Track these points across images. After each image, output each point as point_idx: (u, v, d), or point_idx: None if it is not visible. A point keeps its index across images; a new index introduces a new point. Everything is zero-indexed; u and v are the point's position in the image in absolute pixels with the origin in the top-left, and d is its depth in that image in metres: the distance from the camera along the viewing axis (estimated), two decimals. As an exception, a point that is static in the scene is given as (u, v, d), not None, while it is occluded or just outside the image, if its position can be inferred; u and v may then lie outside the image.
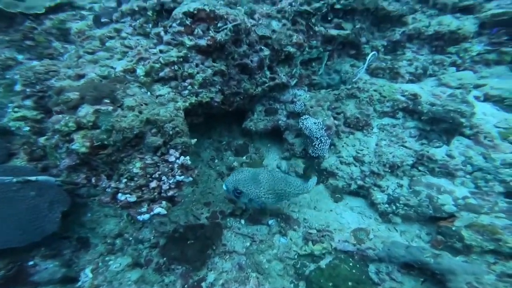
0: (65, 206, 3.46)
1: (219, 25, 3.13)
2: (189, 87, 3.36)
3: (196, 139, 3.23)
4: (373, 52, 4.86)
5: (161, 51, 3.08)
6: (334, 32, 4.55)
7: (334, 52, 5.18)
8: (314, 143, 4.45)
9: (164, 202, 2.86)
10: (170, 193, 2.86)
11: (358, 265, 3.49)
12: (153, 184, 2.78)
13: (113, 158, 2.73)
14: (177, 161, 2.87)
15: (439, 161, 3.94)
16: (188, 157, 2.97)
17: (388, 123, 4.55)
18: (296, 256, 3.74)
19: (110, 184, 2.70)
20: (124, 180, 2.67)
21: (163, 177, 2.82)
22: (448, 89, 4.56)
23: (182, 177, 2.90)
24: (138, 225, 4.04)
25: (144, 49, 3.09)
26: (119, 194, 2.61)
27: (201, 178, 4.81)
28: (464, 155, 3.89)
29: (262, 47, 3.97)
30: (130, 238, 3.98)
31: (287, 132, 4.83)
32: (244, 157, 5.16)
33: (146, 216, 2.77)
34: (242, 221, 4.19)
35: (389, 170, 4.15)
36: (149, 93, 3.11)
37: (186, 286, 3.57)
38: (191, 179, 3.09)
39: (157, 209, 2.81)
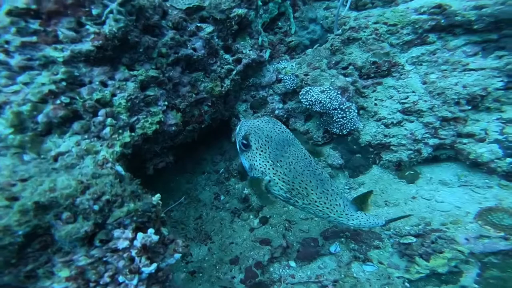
0: None
1: (94, 11, 1.75)
2: (110, 120, 1.92)
3: (159, 195, 1.83)
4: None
5: (25, 84, 1.68)
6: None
7: (295, -1, 3.72)
8: (334, 118, 2.86)
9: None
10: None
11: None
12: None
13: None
14: (136, 243, 1.55)
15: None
16: (151, 230, 1.61)
17: (421, 53, 2.97)
18: (407, 284, 2.15)
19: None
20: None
21: (120, 278, 1.41)
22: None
23: (153, 266, 1.49)
24: None
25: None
26: None
27: (213, 228, 3.38)
28: None
29: (199, 25, 2.55)
30: None
31: (293, 120, 3.25)
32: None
33: None
34: (292, 263, 2.77)
35: (470, 107, 2.48)
36: (39, 156, 1.69)
37: None
38: (177, 256, 1.71)
39: None
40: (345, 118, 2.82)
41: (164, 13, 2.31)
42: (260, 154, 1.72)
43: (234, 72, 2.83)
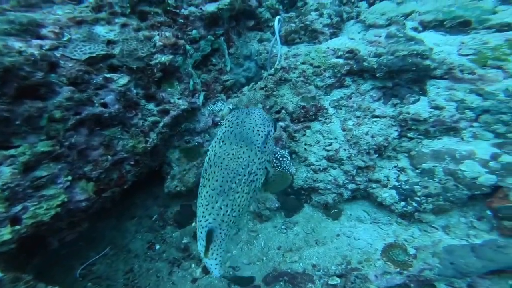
0: None
1: None
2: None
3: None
4: (277, 18, 3.46)
5: None
6: (212, 7, 2.92)
7: (230, 33, 3.59)
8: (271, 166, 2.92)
9: None
10: None
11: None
12: None
13: None
14: None
15: (428, 119, 2.77)
16: None
17: (341, 97, 3.23)
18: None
19: None
20: None
21: None
22: (381, 30, 3.38)
23: None
24: None
25: None
26: None
27: (148, 282, 3.01)
28: (453, 99, 2.75)
29: (109, 76, 2.13)
30: None
31: (229, 167, 3.18)
32: (194, 223, 3.41)
33: None
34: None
35: (377, 155, 2.89)
36: None
37: None
38: None
39: None
40: (279, 167, 2.88)
41: (54, 66, 1.82)
42: (223, 125, 1.85)
43: (161, 125, 2.52)
